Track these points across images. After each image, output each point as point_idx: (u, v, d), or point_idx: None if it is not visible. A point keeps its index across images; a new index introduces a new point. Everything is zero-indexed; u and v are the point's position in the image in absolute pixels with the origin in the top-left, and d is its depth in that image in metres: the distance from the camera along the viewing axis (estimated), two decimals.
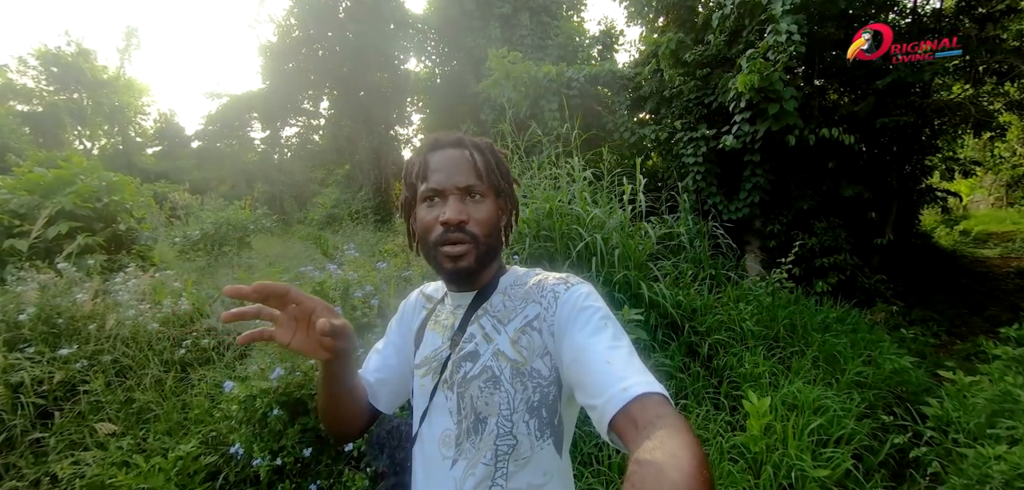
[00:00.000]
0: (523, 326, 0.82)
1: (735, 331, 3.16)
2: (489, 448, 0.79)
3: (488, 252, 0.85)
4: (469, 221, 0.82)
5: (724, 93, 5.54)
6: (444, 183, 0.83)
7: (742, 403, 2.44)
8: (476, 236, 0.82)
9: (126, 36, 26.20)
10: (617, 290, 3.13)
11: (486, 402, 0.79)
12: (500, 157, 0.92)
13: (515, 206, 0.95)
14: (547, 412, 0.80)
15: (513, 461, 0.78)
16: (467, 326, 0.87)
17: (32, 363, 2.77)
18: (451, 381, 0.84)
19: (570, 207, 3.46)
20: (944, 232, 9.81)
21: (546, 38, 10.66)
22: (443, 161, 0.85)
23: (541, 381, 0.80)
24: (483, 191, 0.85)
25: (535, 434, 0.79)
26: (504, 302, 0.86)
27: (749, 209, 5.73)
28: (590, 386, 0.67)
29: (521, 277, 0.90)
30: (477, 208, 0.84)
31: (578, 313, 0.77)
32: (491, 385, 0.80)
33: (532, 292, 0.85)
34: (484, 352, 0.83)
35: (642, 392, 0.60)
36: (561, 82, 6.93)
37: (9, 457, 2.50)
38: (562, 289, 0.82)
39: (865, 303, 5.07)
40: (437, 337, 0.91)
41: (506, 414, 0.79)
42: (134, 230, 4.97)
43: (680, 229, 4.30)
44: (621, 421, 0.60)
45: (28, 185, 4.63)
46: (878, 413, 2.72)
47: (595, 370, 0.67)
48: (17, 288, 3.26)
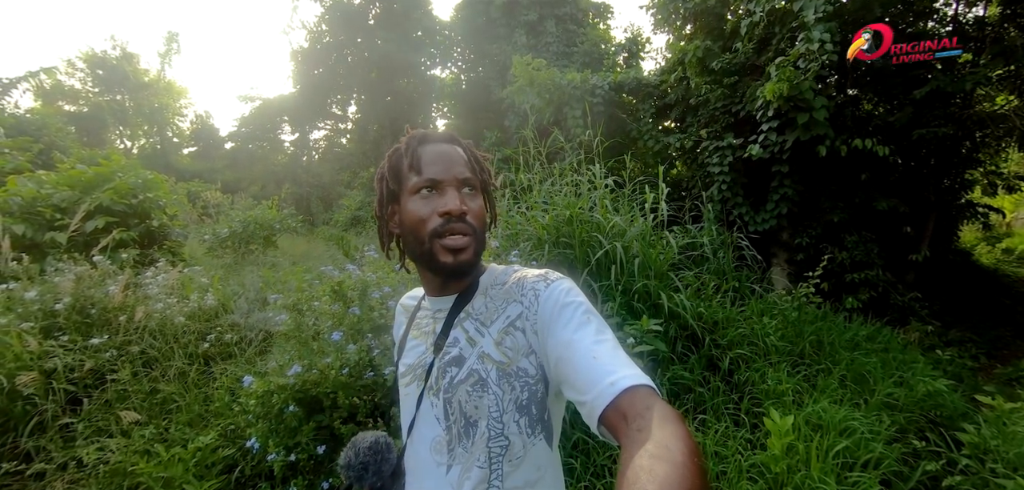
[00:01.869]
0: (506, 327, 0.81)
1: (758, 346, 3.07)
2: (482, 451, 0.78)
3: (482, 248, 0.84)
4: (468, 213, 0.81)
5: (752, 102, 5.42)
6: (442, 174, 0.81)
7: (763, 421, 2.36)
8: (475, 229, 0.82)
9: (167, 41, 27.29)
10: (636, 300, 3.08)
11: (475, 406, 0.79)
12: (481, 156, 0.92)
13: (495, 206, 0.94)
14: (536, 409, 0.79)
15: (507, 461, 0.78)
16: (450, 330, 0.85)
17: (65, 351, 2.89)
18: (437, 387, 0.83)
19: (591, 214, 3.42)
20: (985, 250, 9.35)
21: (572, 46, 10.64)
22: (438, 154, 0.83)
23: (528, 380, 0.79)
24: (475, 185, 0.85)
25: (526, 432, 0.79)
26: (486, 303, 0.85)
27: (776, 221, 5.58)
28: (578, 382, 0.67)
29: (500, 276, 0.89)
30: (473, 202, 0.84)
31: (561, 310, 0.76)
32: (479, 388, 0.79)
33: (512, 291, 0.84)
34: (469, 356, 0.81)
35: (630, 385, 0.61)
36: (585, 89, 6.90)
37: (40, 440, 2.60)
38: (542, 287, 0.81)
39: (898, 322, 4.86)
40: (419, 344, 0.91)
41: (496, 416, 0.78)
42: (166, 226, 5.15)
43: (703, 239, 4.20)
44: (611, 415, 0.60)
45: (70, 181, 4.85)
46: (909, 437, 2.59)
47: (582, 366, 0.67)
48: (55, 279, 3.41)
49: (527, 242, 3.51)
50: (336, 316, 2.46)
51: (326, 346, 2.30)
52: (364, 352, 2.25)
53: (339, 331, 2.26)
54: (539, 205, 3.83)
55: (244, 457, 2.45)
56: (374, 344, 2.29)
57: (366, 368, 2.29)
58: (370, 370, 2.29)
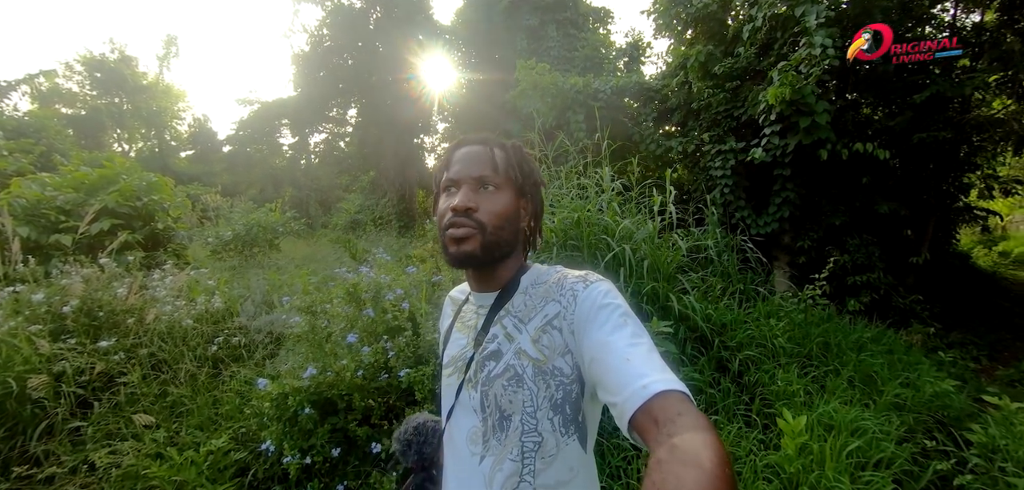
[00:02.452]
0: (543, 325, 0.82)
1: (766, 347, 3.09)
2: (515, 445, 0.79)
3: (497, 244, 0.85)
4: (478, 209, 0.84)
5: (754, 106, 5.46)
6: (460, 174, 0.86)
7: (775, 421, 2.38)
8: (483, 224, 0.83)
9: (166, 44, 27.28)
10: (645, 302, 3.10)
11: (509, 400, 0.80)
12: (526, 157, 0.93)
13: (539, 207, 0.95)
14: (571, 409, 0.80)
15: (540, 458, 0.79)
16: (490, 326, 0.88)
17: (74, 354, 2.88)
18: (475, 380, 0.85)
19: (599, 217, 3.44)
20: (983, 253, 9.43)
21: (573, 50, 10.69)
22: (464, 155, 0.88)
23: (563, 379, 0.80)
24: (498, 183, 0.86)
25: (560, 431, 0.80)
26: (525, 301, 0.87)
27: (778, 224, 5.62)
28: (610, 384, 0.67)
29: (542, 275, 0.90)
30: (489, 199, 0.85)
31: (598, 311, 0.77)
32: (514, 383, 0.80)
33: (552, 290, 0.85)
34: (506, 351, 0.83)
35: (662, 389, 0.60)
36: (588, 93, 6.94)
37: (49, 444, 2.59)
38: (581, 287, 0.82)
39: (900, 324, 4.90)
40: (462, 337, 0.93)
41: (530, 412, 0.79)
42: (171, 229, 5.14)
43: (708, 242, 4.23)
44: (641, 419, 0.60)
45: (73, 183, 4.84)
46: (918, 437, 2.61)
47: (615, 367, 0.68)
48: (62, 281, 3.40)
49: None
50: (350, 318, 2.46)
51: (340, 348, 2.31)
52: (379, 354, 2.26)
53: (354, 333, 2.27)
54: (546, 208, 3.85)
55: (257, 460, 2.45)
56: (389, 346, 2.30)
57: (381, 370, 2.30)
58: (384, 372, 2.29)
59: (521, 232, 0.92)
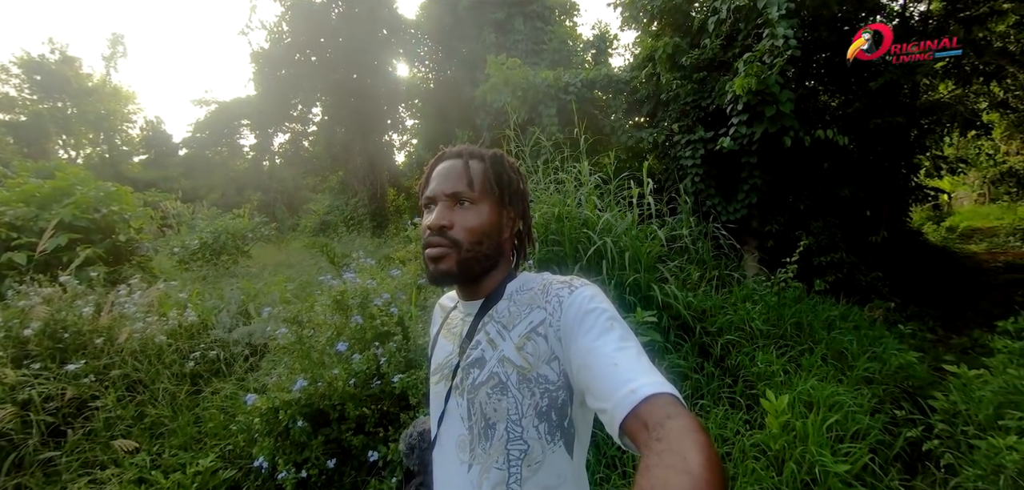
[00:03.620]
0: (528, 332, 0.81)
1: (745, 331, 3.21)
2: (500, 453, 0.79)
3: (475, 259, 0.85)
4: (453, 227, 0.83)
5: (721, 96, 5.62)
6: (435, 190, 0.86)
7: (758, 401, 2.48)
8: (458, 242, 0.83)
9: (112, 43, 25.85)
10: (628, 292, 3.16)
11: (494, 408, 0.80)
12: (507, 165, 0.91)
13: (525, 214, 0.94)
14: (557, 416, 0.79)
15: (526, 466, 0.78)
16: (474, 333, 0.87)
17: (40, 380, 2.73)
18: (461, 387, 0.85)
19: (579, 211, 3.48)
20: (932, 229, 10.02)
21: (540, 43, 10.71)
22: (440, 171, 0.88)
23: (549, 386, 0.79)
24: (474, 198, 0.85)
25: (545, 438, 0.79)
26: (510, 308, 0.86)
27: (747, 210, 5.81)
28: (598, 390, 0.66)
29: (527, 282, 0.89)
30: (464, 215, 0.84)
31: (584, 316, 0.76)
32: (498, 391, 0.80)
33: (537, 297, 0.84)
34: (490, 358, 0.83)
35: (651, 393, 0.60)
36: (559, 87, 6.98)
37: (20, 478, 2.46)
38: (566, 293, 0.81)
39: (863, 300, 5.16)
40: (448, 344, 0.93)
41: (515, 419, 0.79)
42: (133, 241, 4.91)
43: (683, 231, 4.35)
44: (631, 424, 0.59)
45: (23, 196, 4.56)
46: (887, 407, 2.78)
47: (603, 373, 0.67)
48: (20, 303, 3.21)
49: None
50: (337, 327, 2.43)
51: (329, 357, 2.27)
52: (371, 361, 2.23)
53: (343, 342, 2.23)
54: None
55: (247, 477, 2.39)
56: (380, 353, 2.27)
57: (373, 377, 2.27)
58: (377, 378, 2.27)
59: (507, 243, 0.91)
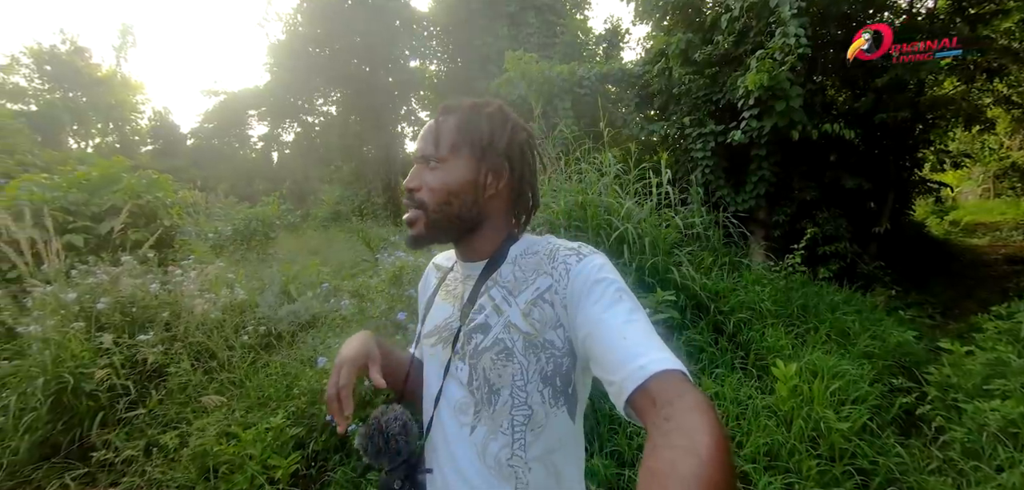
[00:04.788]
0: (534, 298, 0.79)
1: (755, 310, 3.48)
2: (505, 417, 0.78)
3: (446, 219, 0.83)
4: (421, 188, 0.82)
5: (732, 90, 5.85)
6: (414, 154, 0.87)
7: (768, 371, 2.76)
8: (424, 203, 0.82)
9: (121, 33, 26.14)
10: (648, 275, 3.44)
11: (499, 374, 0.78)
12: (486, 118, 0.85)
13: (519, 168, 0.87)
14: (561, 381, 0.79)
15: (530, 431, 0.78)
16: (477, 298, 0.84)
17: (116, 349, 3.02)
18: (463, 352, 0.83)
19: (601, 199, 3.75)
20: (936, 222, 10.23)
21: (552, 37, 10.92)
22: (421, 132, 0.88)
23: (554, 352, 0.78)
24: (443, 157, 0.82)
25: (549, 402, 0.78)
26: (514, 273, 0.84)
27: (755, 200, 6.06)
28: (607, 362, 0.66)
29: (532, 245, 0.87)
30: (432, 175, 0.82)
31: (593, 286, 0.74)
32: (504, 357, 0.78)
33: (543, 263, 0.82)
34: (495, 324, 0.81)
35: (661, 369, 0.59)
36: (573, 81, 7.21)
37: (106, 434, 2.75)
38: (574, 261, 0.79)
39: (865, 288, 5.42)
40: (447, 306, 0.90)
41: (520, 385, 0.78)
42: (175, 226, 5.20)
43: (695, 219, 4.60)
44: (639, 399, 0.59)
45: (75, 183, 4.84)
46: (885, 378, 3.05)
47: (612, 346, 0.66)
48: (88, 280, 3.50)
49: (541, 226, 3.82)
50: (390, 299, 2.71)
51: (390, 326, 2.55)
52: None
53: (404, 311, 2.51)
54: (549, 192, 4.14)
55: (311, 434, 2.69)
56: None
57: None
58: None
59: (493, 201, 0.85)
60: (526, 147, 0.89)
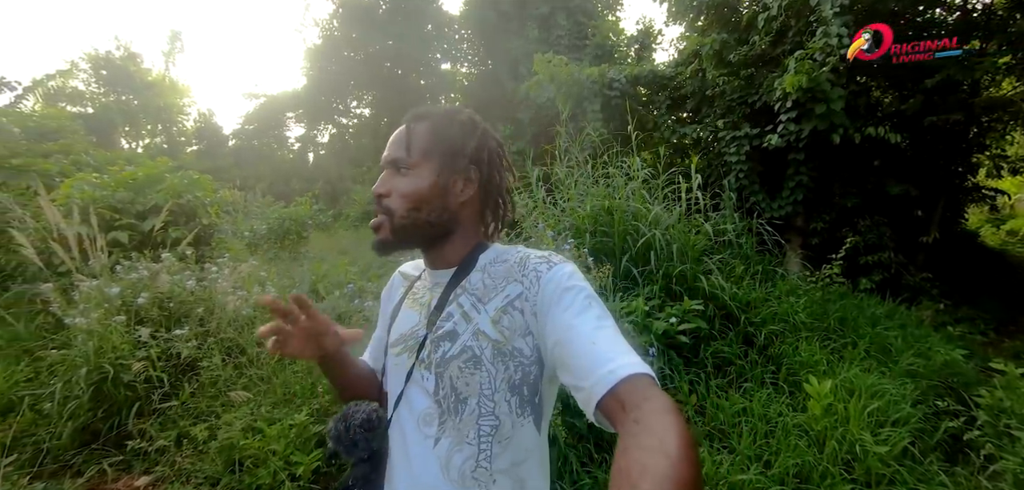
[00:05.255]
0: (504, 306, 0.79)
1: (788, 323, 3.34)
2: (471, 427, 0.77)
3: (413, 226, 0.83)
4: (389, 195, 0.83)
5: (769, 92, 5.65)
6: (383, 159, 0.86)
7: (801, 387, 2.63)
8: (391, 210, 0.82)
9: (170, 39, 27.35)
10: (675, 283, 3.34)
11: (466, 382, 0.78)
12: (456, 125, 0.86)
13: (489, 177, 0.88)
14: (528, 390, 0.79)
15: (497, 442, 0.77)
16: (446, 305, 0.84)
17: (154, 342, 3.15)
18: (429, 361, 0.82)
19: (628, 204, 3.67)
20: (991, 231, 9.61)
21: (583, 38, 10.83)
22: (391, 137, 0.88)
23: (523, 360, 0.78)
24: (413, 163, 0.83)
25: (516, 412, 0.78)
26: (484, 280, 0.84)
27: (792, 207, 5.83)
28: (576, 368, 0.66)
29: (502, 254, 0.87)
30: (400, 181, 0.83)
31: (562, 293, 0.75)
32: (471, 365, 0.78)
33: (513, 270, 0.82)
34: (463, 332, 0.80)
35: (629, 373, 0.60)
36: (603, 83, 7.12)
37: (141, 424, 2.87)
38: (544, 268, 0.79)
39: (910, 301, 5.13)
40: (413, 315, 0.89)
41: (487, 394, 0.77)
42: (214, 224, 5.40)
43: (727, 226, 4.46)
44: (608, 403, 0.60)
45: (121, 182, 5.09)
46: (930, 400, 2.86)
47: (581, 352, 0.67)
48: (131, 275, 3.67)
49: (566, 232, 3.77)
50: None
51: None
52: None
53: None
54: (576, 197, 4.09)
55: None
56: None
57: None
58: None
59: (463, 209, 0.86)
60: (495, 155, 0.90)
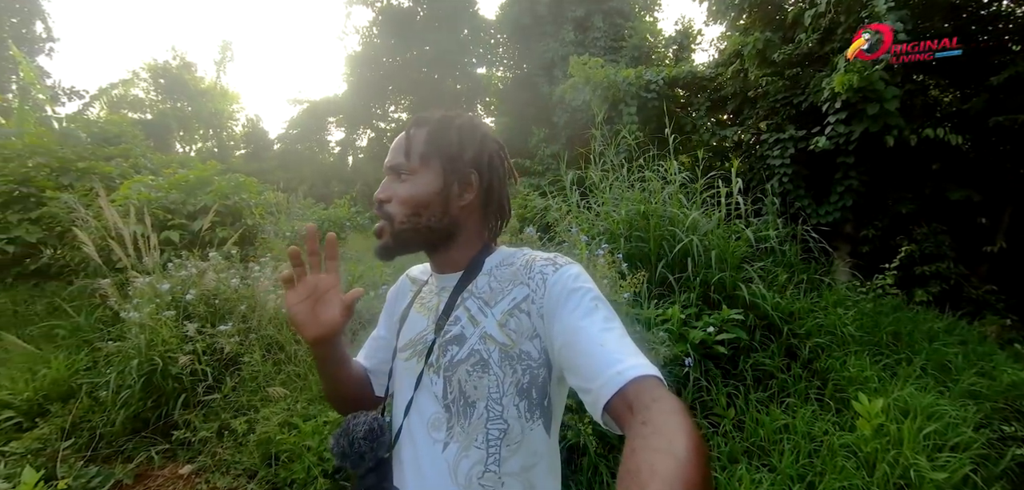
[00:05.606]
0: (511, 309, 0.80)
1: (836, 335, 3.16)
2: (479, 431, 0.77)
3: (414, 231, 0.83)
4: (390, 200, 0.83)
5: (816, 93, 5.40)
6: (385, 164, 0.87)
7: (850, 405, 2.48)
8: (391, 215, 0.83)
9: (222, 49, 28.70)
10: (713, 291, 3.23)
11: (474, 386, 0.78)
12: (455, 130, 0.85)
13: (489, 181, 0.87)
14: (537, 394, 0.78)
15: (505, 446, 0.77)
16: (453, 309, 0.84)
17: (200, 337, 3.30)
18: (437, 365, 0.82)
19: (665, 209, 3.58)
20: None
21: (619, 40, 10.69)
22: (393, 144, 0.88)
23: (531, 363, 0.78)
24: (413, 168, 0.83)
25: (525, 416, 0.78)
26: (490, 283, 0.84)
27: (840, 213, 5.54)
28: (583, 370, 0.66)
29: (508, 257, 0.87)
30: (401, 186, 0.83)
31: (569, 295, 0.75)
32: (479, 369, 0.78)
33: (520, 273, 0.82)
34: (471, 335, 0.80)
35: (637, 375, 0.60)
36: (640, 85, 6.99)
37: (186, 414, 3.01)
38: (551, 271, 0.79)
39: (973, 315, 4.77)
40: (421, 319, 0.90)
41: (495, 398, 0.77)
42: (258, 225, 5.62)
43: (770, 232, 4.28)
44: (616, 405, 0.60)
45: (174, 184, 5.38)
46: (995, 423, 2.64)
47: (588, 353, 0.66)
48: (180, 273, 3.85)
49: (600, 237, 3.71)
50: None
51: None
52: None
53: None
54: (610, 201, 4.02)
55: None
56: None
57: None
58: None
59: (464, 212, 0.86)
60: (496, 158, 0.89)
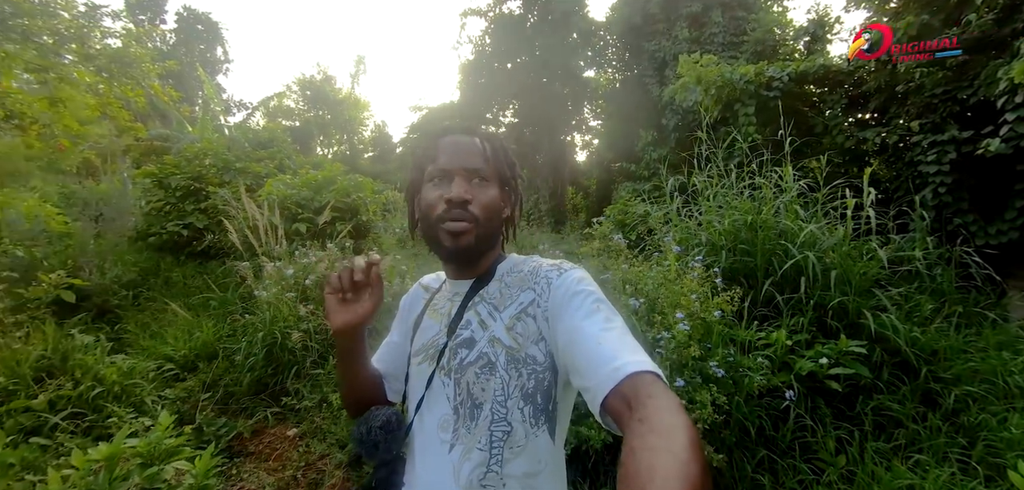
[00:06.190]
0: (518, 313, 0.83)
1: (996, 385, 2.56)
2: (484, 433, 0.79)
3: (488, 236, 0.87)
4: (473, 201, 0.84)
5: (988, 85, 4.46)
6: (452, 164, 0.86)
7: (1006, 474, 2.00)
8: (477, 217, 0.84)
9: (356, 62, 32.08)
10: (831, 317, 2.81)
11: (482, 388, 0.80)
12: (509, 151, 0.93)
13: (519, 200, 0.97)
14: (542, 398, 0.80)
15: (508, 448, 0.78)
16: (464, 313, 0.88)
17: (315, 317, 3.70)
18: (448, 367, 0.85)
19: (776, 220, 3.21)
20: None
21: (740, 35, 9.83)
22: (452, 145, 0.88)
23: (536, 367, 0.80)
24: (488, 176, 0.87)
25: (530, 421, 0.79)
26: (500, 289, 0.88)
27: (1018, 233, 4.50)
28: (583, 367, 0.67)
29: (517, 264, 0.91)
30: (481, 191, 0.86)
31: (572, 297, 0.77)
32: (487, 371, 0.80)
33: (527, 279, 0.86)
34: (480, 338, 0.83)
35: (634, 371, 0.60)
36: (760, 83, 6.36)
37: (297, 384, 3.39)
38: (555, 275, 0.83)
39: None
40: (434, 324, 0.93)
41: (500, 400, 0.79)
42: (372, 221, 6.17)
43: (915, 252, 3.61)
44: (613, 400, 0.60)
45: (304, 183, 6.11)
46: None
47: (587, 350, 0.68)
48: (303, 260, 4.36)
49: (700, 248, 3.43)
50: None
51: None
52: None
53: None
54: (713, 209, 3.71)
55: None
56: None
57: None
58: None
59: (503, 225, 0.94)
60: (521, 181, 0.99)
